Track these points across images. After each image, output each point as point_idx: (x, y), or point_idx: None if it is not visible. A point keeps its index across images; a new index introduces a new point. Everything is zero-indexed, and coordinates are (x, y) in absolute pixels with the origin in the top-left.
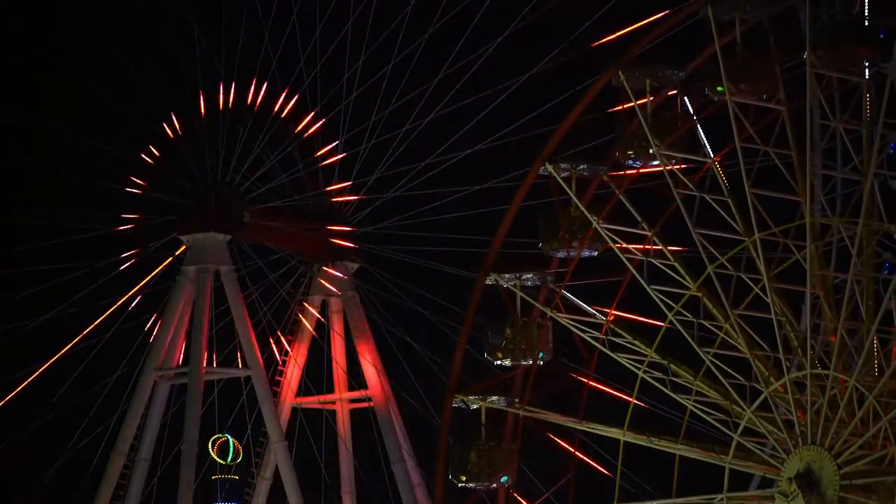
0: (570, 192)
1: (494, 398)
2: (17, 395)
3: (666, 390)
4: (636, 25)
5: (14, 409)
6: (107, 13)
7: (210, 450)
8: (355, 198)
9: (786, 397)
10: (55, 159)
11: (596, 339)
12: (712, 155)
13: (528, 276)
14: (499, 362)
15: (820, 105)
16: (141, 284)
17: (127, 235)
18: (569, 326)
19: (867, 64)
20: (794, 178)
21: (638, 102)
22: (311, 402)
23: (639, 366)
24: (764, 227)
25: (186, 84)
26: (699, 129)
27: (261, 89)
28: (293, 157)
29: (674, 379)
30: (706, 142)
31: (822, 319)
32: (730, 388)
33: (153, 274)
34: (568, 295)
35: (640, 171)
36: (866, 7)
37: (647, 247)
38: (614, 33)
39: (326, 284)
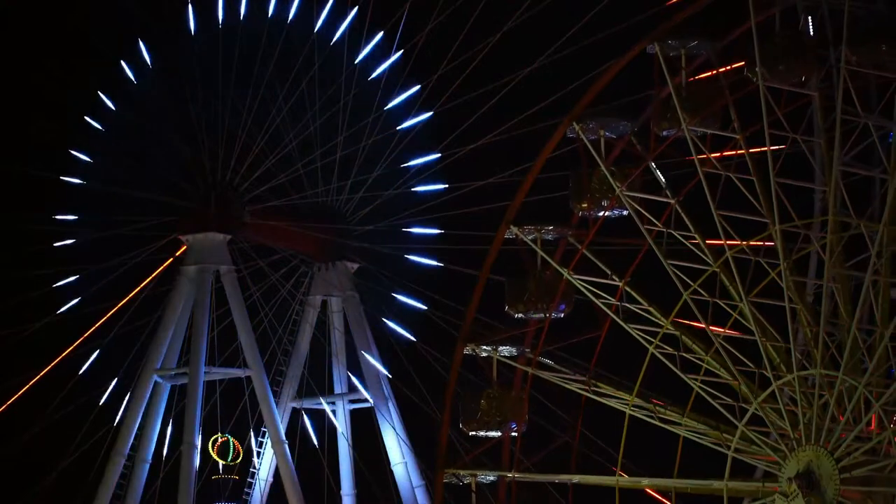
0: (537, 249)
1: (484, 472)
2: (19, 399)
3: (655, 422)
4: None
5: (16, 413)
6: (105, 17)
7: (210, 450)
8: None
9: (776, 406)
10: (54, 162)
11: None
12: (672, 196)
13: (505, 346)
14: (474, 433)
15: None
16: (141, 286)
17: (128, 237)
18: (552, 381)
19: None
20: (758, 200)
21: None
22: (312, 403)
23: (626, 402)
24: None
25: (185, 86)
26: (657, 171)
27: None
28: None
29: (662, 416)
30: (665, 182)
31: (801, 325)
32: (721, 409)
33: (153, 275)
34: (545, 360)
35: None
36: (810, 22)
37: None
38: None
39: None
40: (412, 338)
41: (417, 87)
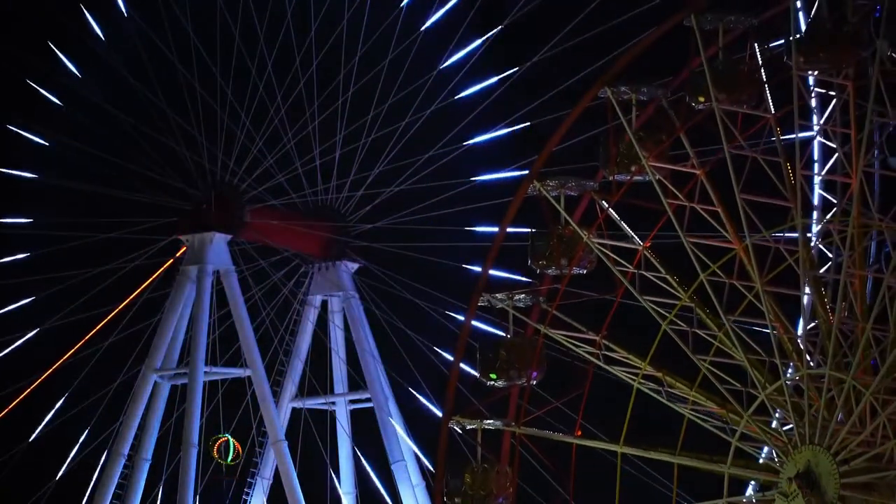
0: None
1: None
2: (21, 402)
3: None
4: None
5: (17, 417)
6: (103, 22)
7: (210, 450)
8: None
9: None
10: (54, 165)
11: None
12: (641, 242)
13: (490, 420)
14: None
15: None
16: (142, 287)
17: (128, 239)
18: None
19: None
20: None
21: None
22: (312, 402)
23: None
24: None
25: (184, 87)
26: (622, 223)
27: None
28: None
29: (655, 458)
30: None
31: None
32: (714, 430)
33: (154, 276)
34: (530, 430)
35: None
36: (758, 50)
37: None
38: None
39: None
40: (412, 336)
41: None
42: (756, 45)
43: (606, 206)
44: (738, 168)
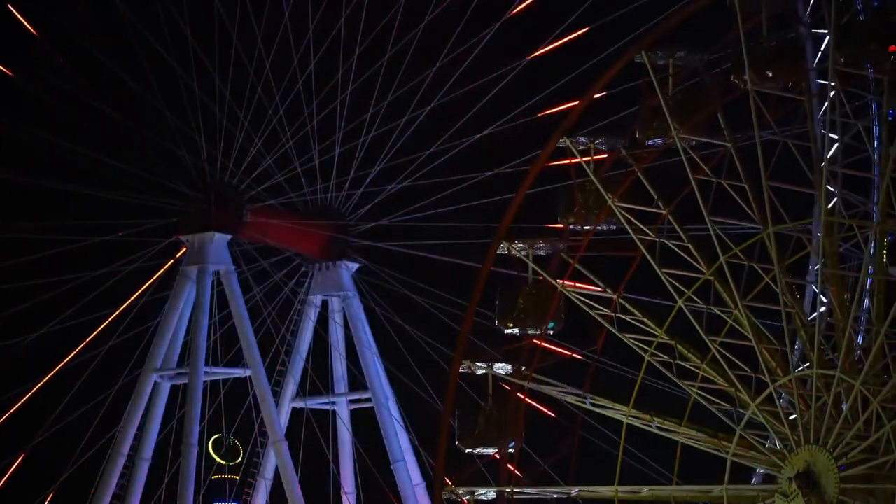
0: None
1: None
2: (22, 406)
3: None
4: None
5: (19, 421)
6: (102, 25)
7: (210, 450)
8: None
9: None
10: (55, 169)
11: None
12: (614, 294)
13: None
14: None
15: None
16: (143, 289)
17: (129, 241)
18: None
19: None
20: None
21: None
22: (312, 402)
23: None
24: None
25: (182, 87)
26: (593, 276)
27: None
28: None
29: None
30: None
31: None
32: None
33: (154, 277)
34: (524, 491)
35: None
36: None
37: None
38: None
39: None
40: (414, 335)
41: None
42: (708, 76)
43: (572, 261)
44: (705, 194)
